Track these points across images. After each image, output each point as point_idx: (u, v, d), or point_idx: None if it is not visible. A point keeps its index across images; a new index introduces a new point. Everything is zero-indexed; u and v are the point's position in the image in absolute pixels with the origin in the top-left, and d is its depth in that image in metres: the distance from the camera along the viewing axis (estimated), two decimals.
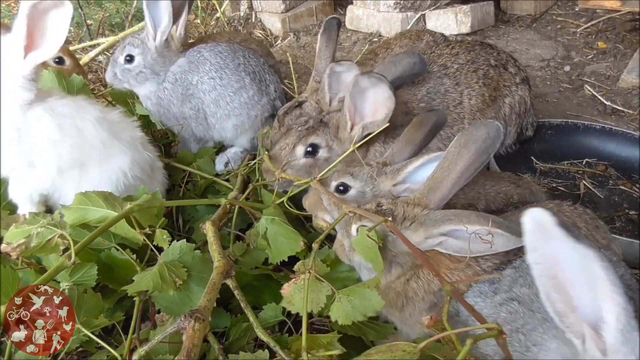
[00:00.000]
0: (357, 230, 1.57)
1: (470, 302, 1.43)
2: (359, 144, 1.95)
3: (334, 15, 2.47)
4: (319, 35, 2.39)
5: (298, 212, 1.97)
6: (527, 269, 1.40)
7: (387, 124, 1.90)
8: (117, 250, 1.72)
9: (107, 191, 1.75)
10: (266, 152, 2.38)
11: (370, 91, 1.89)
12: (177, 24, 2.54)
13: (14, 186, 1.93)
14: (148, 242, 1.70)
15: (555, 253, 0.95)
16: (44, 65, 2.54)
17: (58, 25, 1.73)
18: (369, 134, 1.93)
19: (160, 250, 1.70)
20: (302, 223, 2.12)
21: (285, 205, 1.92)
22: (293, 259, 1.80)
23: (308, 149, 2.08)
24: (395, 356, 1.15)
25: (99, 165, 1.94)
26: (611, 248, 1.62)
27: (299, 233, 1.83)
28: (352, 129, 2.01)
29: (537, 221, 0.96)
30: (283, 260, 1.81)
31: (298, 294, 1.47)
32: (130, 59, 2.50)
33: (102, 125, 1.93)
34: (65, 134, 1.83)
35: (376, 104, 1.91)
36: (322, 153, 2.09)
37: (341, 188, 1.83)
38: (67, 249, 1.51)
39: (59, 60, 2.62)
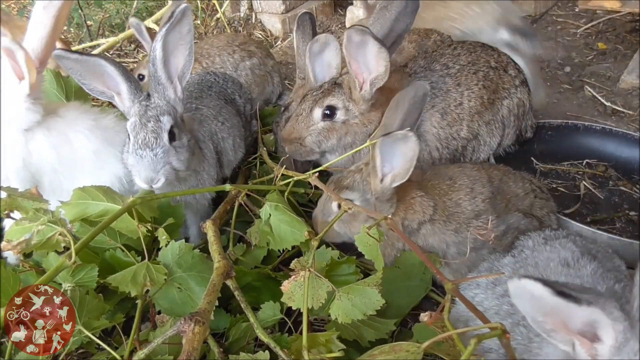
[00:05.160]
0: (339, 206, 1.67)
1: (470, 294, 1.44)
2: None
3: (306, 11, 2.44)
4: (294, 33, 2.37)
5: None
6: (526, 258, 1.42)
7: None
8: (123, 251, 1.69)
9: (106, 186, 1.73)
10: (264, 149, 2.38)
11: (361, 44, 1.86)
12: None
13: None
14: (147, 244, 1.68)
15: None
16: None
17: None
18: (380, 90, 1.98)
19: None
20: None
21: (285, 200, 1.88)
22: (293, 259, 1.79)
23: (326, 112, 2.07)
24: (398, 356, 1.14)
25: (91, 174, 1.89)
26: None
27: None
28: (361, 88, 1.99)
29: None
30: (283, 260, 1.80)
31: (298, 290, 1.46)
32: None
33: (94, 134, 1.91)
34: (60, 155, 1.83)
35: (371, 55, 1.90)
36: (339, 115, 2.08)
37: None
38: (67, 248, 1.50)
39: None
